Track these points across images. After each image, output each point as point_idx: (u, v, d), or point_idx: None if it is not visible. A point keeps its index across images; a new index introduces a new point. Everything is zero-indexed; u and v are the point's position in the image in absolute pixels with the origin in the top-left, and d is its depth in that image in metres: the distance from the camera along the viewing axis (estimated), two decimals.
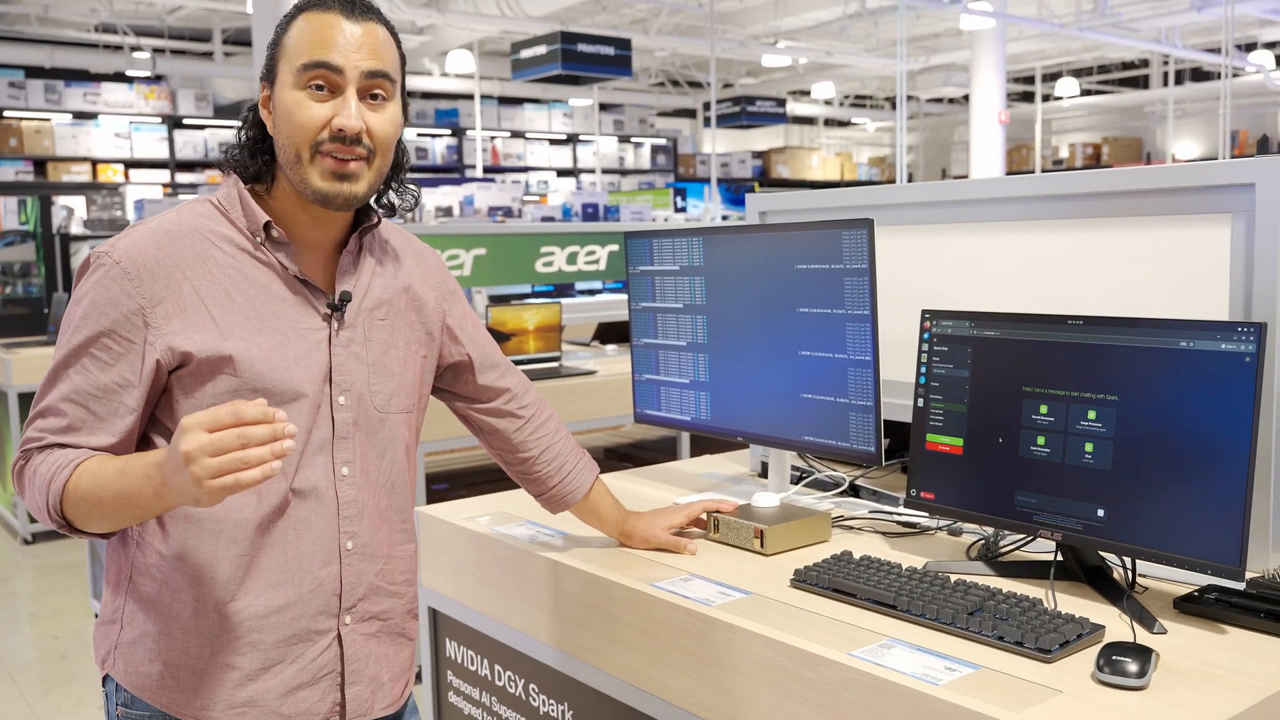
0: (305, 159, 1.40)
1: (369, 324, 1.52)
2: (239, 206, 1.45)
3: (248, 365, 1.39)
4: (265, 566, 1.42)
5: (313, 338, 1.45)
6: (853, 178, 19.76)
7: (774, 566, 1.81)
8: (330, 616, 1.47)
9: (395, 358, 1.55)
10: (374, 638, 1.53)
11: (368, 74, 1.40)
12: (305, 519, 1.44)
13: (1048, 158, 19.30)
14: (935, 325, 1.85)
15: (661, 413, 2.37)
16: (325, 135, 1.39)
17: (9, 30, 12.84)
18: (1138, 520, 1.55)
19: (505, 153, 16.03)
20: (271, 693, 1.44)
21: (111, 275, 1.37)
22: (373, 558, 1.51)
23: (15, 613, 4.79)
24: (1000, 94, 13.39)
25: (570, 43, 9.86)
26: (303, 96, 1.39)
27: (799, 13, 13.25)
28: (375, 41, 1.42)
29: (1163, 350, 1.54)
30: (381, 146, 1.43)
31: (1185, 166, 1.77)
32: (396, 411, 1.55)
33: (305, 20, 1.41)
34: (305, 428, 1.43)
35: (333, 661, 1.48)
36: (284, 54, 1.42)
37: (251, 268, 1.44)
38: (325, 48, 1.38)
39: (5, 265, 8.50)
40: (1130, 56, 17.16)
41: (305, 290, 1.46)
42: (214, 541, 1.40)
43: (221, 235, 1.44)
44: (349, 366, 1.48)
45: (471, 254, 4.92)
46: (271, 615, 1.43)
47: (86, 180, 12.47)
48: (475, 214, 7.65)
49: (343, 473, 1.47)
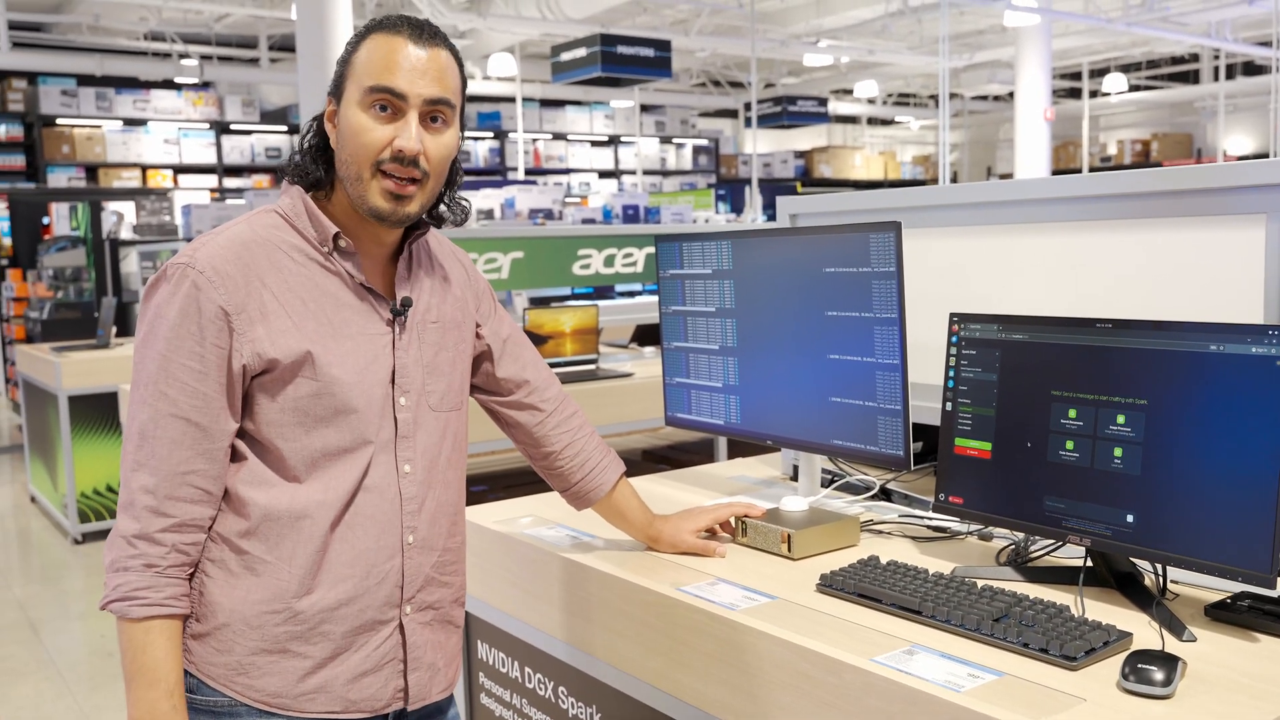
0: (366, 178, 1.47)
1: (422, 327, 1.59)
2: (305, 217, 1.52)
3: (325, 369, 1.46)
4: (336, 561, 1.49)
5: (379, 343, 1.53)
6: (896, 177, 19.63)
7: (801, 571, 1.81)
8: (393, 607, 1.54)
9: (446, 358, 1.62)
10: (429, 626, 1.60)
11: (429, 101, 1.46)
12: (372, 515, 1.51)
13: (1095, 155, 19.05)
14: (963, 329, 1.84)
15: (692, 416, 2.37)
16: (386, 155, 1.46)
17: (61, 40, 13.10)
18: (1167, 526, 1.53)
19: (547, 155, 16.10)
20: (339, 679, 1.50)
21: (197, 284, 1.42)
22: (430, 550, 1.58)
23: (65, 611, 4.89)
24: (1046, 91, 13.24)
25: (609, 45, 9.89)
26: (367, 118, 1.46)
27: (840, 11, 13.19)
28: (439, 67, 1.47)
29: (1192, 354, 1.52)
30: (436, 169, 1.50)
31: (1216, 167, 1.75)
32: (449, 409, 1.62)
33: (374, 41, 1.47)
34: (374, 428, 1.51)
35: (395, 649, 1.55)
36: (352, 73, 1.48)
37: (321, 276, 1.50)
38: (391, 72, 1.44)
39: (57, 270, 8.68)
40: (1180, 51, 16.88)
41: (370, 297, 1.53)
42: (292, 538, 1.46)
43: (292, 245, 1.50)
44: (409, 369, 1.56)
45: (509, 257, 4.95)
46: (341, 607, 1.49)
47: (136, 186, 12.70)
48: (516, 216, 7.70)
49: (405, 470, 1.54)
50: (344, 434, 1.48)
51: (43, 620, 4.73)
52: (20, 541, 6.19)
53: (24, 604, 4.95)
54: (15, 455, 8.31)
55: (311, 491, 1.47)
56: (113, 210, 8.76)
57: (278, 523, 1.46)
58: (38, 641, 4.48)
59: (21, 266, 10.05)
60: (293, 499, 1.46)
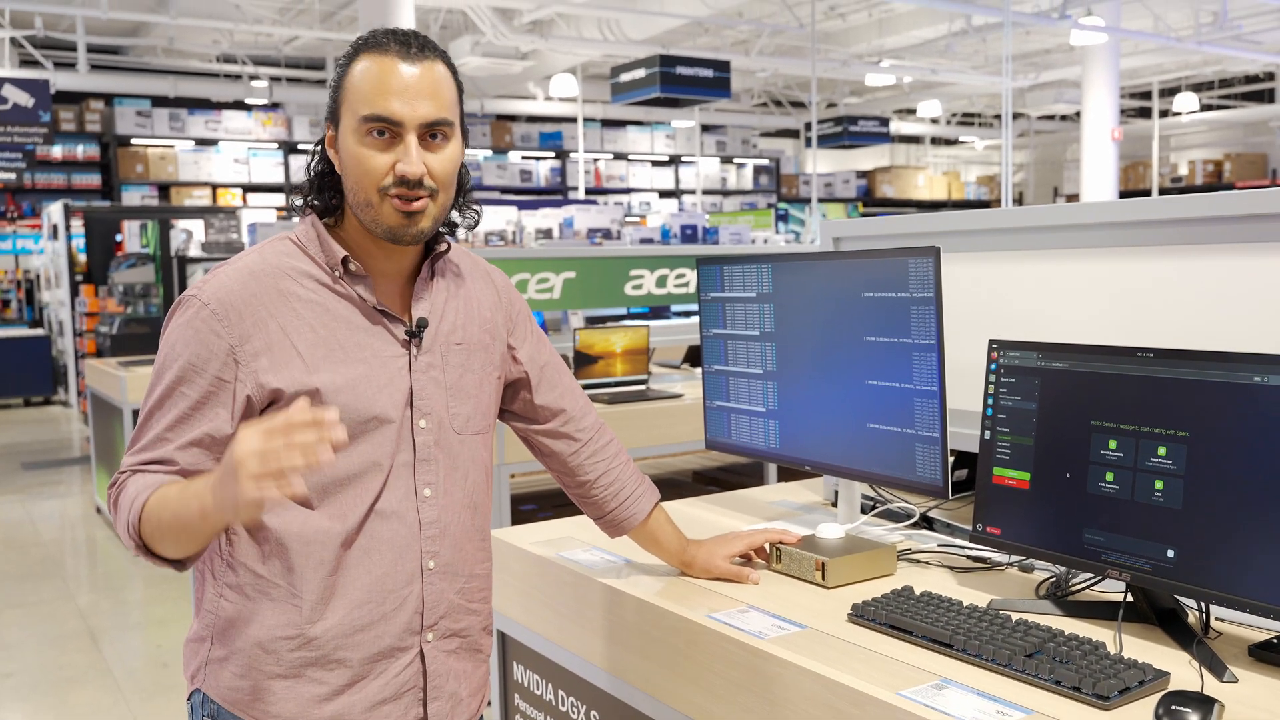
0: (375, 202, 1.45)
1: (445, 349, 1.56)
2: (317, 243, 1.51)
3: (334, 397, 1.44)
4: (351, 586, 1.47)
5: (394, 365, 1.50)
6: (960, 197, 19.42)
7: (834, 600, 1.79)
8: (413, 634, 1.52)
9: (471, 380, 1.59)
10: (454, 654, 1.57)
11: (426, 124, 1.44)
12: (388, 539, 1.49)
13: (1166, 175, 18.68)
14: (1003, 356, 1.80)
15: (732, 440, 2.36)
16: (390, 180, 1.44)
17: (137, 62, 13.48)
18: (1208, 562, 1.48)
19: (608, 174, 16.18)
20: (356, 707, 1.48)
21: (201, 316, 1.43)
22: (454, 576, 1.56)
23: (124, 621, 4.99)
24: (1113, 110, 13.02)
25: (669, 65, 9.93)
26: (365, 147, 1.44)
27: (903, 31, 13.11)
28: (434, 83, 1.45)
29: (1235, 385, 1.47)
30: (443, 184, 1.48)
31: (1263, 192, 1.70)
32: (474, 433, 1.59)
33: (364, 64, 1.45)
34: (389, 452, 1.49)
35: (415, 677, 1.52)
36: (345, 99, 1.46)
37: (332, 301, 1.49)
38: (384, 97, 1.42)
39: (127, 286, 8.90)
40: (1253, 70, 16.52)
41: (384, 320, 1.52)
42: (302, 563, 1.45)
43: (302, 271, 1.49)
44: (428, 391, 1.53)
45: (561, 277, 4.98)
46: (357, 633, 1.47)
47: (207, 204, 13.00)
48: (575, 236, 7.74)
49: (425, 494, 1.52)
50: (353, 459, 1.46)
51: (102, 629, 4.83)
52: (86, 551, 6.33)
53: (85, 613, 5.06)
54: (84, 467, 8.52)
55: (322, 517, 1.46)
56: (182, 228, 8.98)
57: (289, 548, 1.45)
58: (96, 650, 4.57)
59: (94, 282, 10.34)
60: (304, 524, 1.45)
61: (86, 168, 13.35)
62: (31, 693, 4.14)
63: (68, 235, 10.69)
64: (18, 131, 10.60)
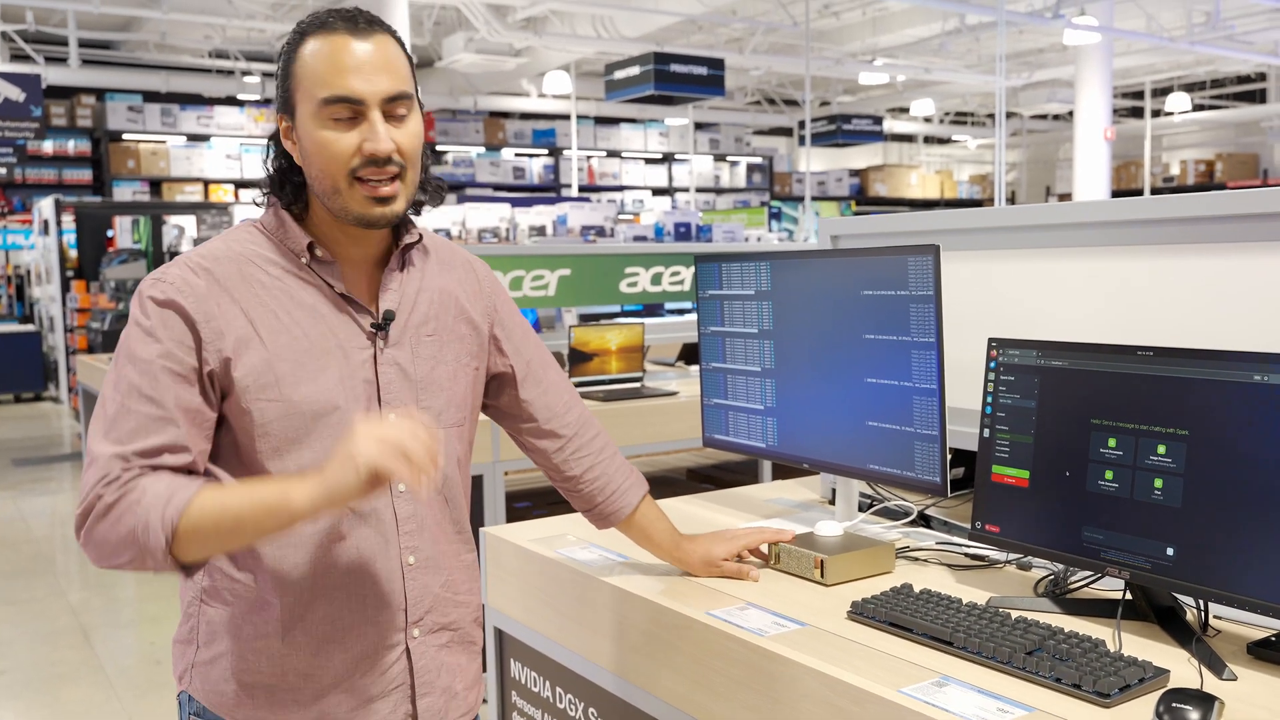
0: (343, 189, 1.41)
1: (416, 340, 1.53)
2: (282, 230, 1.48)
3: (291, 388, 1.41)
4: (327, 586, 1.45)
5: (358, 356, 1.47)
6: (953, 196, 19.45)
7: (833, 597, 1.79)
8: (398, 631, 1.50)
9: (444, 372, 1.56)
10: (445, 649, 1.56)
11: (388, 98, 1.41)
12: (366, 536, 1.47)
13: (1158, 175, 18.74)
14: (1002, 354, 1.81)
15: (730, 438, 2.35)
16: (358, 162, 1.40)
17: (129, 57, 13.43)
18: (1207, 560, 1.48)
19: (601, 172, 16.17)
20: (343, 706, 1.47)
21: (167, 295, 1.39)
22: (436, 570, 1.54)
23: (117, 618, 4.97)
24: (1106, 110, 13.06)
25: (663, 63, 9.92)
26: (328, 131, 1.40)
27: (897, 30, 13.13)
28: (387, 57, 1.41)
29: (1235, 384, 1.48)
30: (410, 160, 1.45)
31: (1256, 192, 1.70)
32: (447, 426, 1.56)
33: (313, 46, 1.41)
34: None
35: (402, 674, 1.51)
36: (299, 85, 1.42)
37: (297, 288, 1.46)
38: (341, 76, 1.38)
39: (118, 282, 8.87)
40: (1245, 70, 16.57)
41: (350, 308, 1.48)
42: (279, 564, 1.43)
43: (266, 258, 1.46)
44: (396, 384, 1.49)
45: (556, 274, 4.97)
46: (340, 632, 1.46)
47: (199, 200, 12.96)
48: (568, 233, 7.74)
49: (399, 489, 1.49)
50: (318, 453, 1.41)
51: (94, 626, 4.82)
52: (78, 548, 6.31)
53: (77, 610, 5.04)
54: (75, 463, 8.49)
55: None
56: (174, 224, 8.95)
57: (263, 553, 1.43)
58: (89, 647, 4.56)
59: (86, 278, 10.30)
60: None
61: (78, 163, 13.30)
62: (24, 690, 4.13)
63: (59, 231, 10.65)
64: (8, 126, 10.56)
